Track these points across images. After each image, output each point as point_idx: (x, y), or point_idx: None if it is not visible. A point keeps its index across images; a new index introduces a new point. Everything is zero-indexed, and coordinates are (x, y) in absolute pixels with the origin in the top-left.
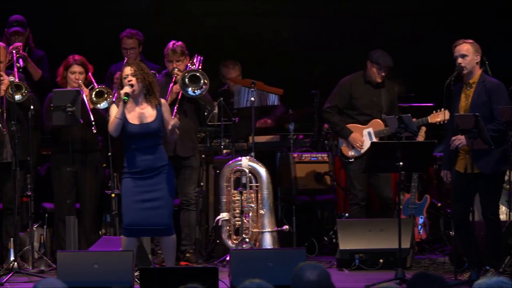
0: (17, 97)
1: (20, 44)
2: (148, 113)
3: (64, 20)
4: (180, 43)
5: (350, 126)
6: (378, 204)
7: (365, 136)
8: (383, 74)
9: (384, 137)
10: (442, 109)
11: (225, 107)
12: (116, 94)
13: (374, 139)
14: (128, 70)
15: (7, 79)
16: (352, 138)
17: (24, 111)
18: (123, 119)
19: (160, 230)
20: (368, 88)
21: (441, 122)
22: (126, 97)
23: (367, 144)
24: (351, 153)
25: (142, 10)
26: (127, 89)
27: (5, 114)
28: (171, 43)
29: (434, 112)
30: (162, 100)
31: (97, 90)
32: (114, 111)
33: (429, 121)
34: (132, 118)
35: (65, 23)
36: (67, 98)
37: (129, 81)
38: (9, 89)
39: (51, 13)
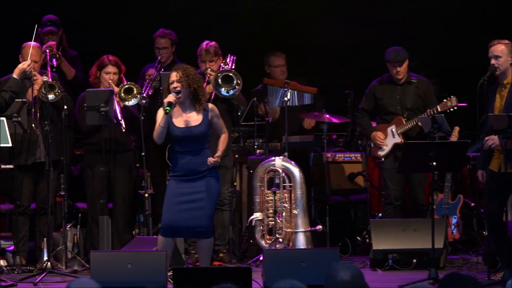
0: (50, 96)
1: (54, 42)
2: (193, 117)
3: (97, 20)
4: (213, 43)
5: (376, 126)
6: (410, 205)
7: (388, 134)
8: (398, 69)
9: (410, 133)
10: (452, 97)
11: (258, 106)
12: (146, 90)
13: (397, 137)
14: (174, 76)
15: (40, 79)
16: (372, 136)
17: (57, 110)
18: (167, 127)
19: (198, 232)
20: (392, 87)
21: (451, 110)
22: (168, 108)
23: (389, 142)
24: (379, 152)
25: (175, 10)
26: (170, 97)
27: (38, 114)
28: (205, 43)
29: (443, 100)
30: (210, 105)
31: (126, 87)
32: (160, 116)
33: (439, 109)
34: (178, 122)
35: (98, 23)
36: (101, 98)
37: (174, 87)
38: (42, 89)
39: (84, 14)
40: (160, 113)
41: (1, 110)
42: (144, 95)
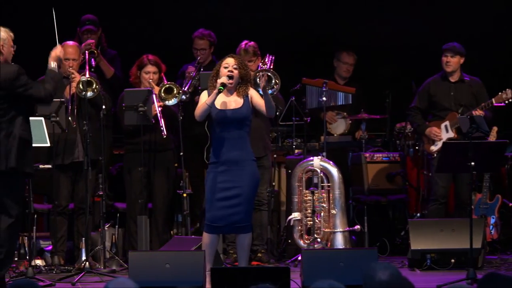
0: (88, 94)
1: (93, 41)
2: (236, 100)
3: (136, 20)
4: (252, 43)
5: (430, 122)
6: (454, 203)
7: (442, 130)
8: (449, 59)
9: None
10: (507, 89)
11: (296, 106)
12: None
13: (451, 131)
14: (231, 61)
15: (78, 76)
16: (428, 131)
17: (95, 110)
18: (212, 106)
19: (238, 227)
20: (446, 84)
21: (508, 101)
22: (221, 87)
23: (443, 137)
24: (432, 148)
25: (212, 10)
26: (224, 79)
27: (76, 111)
28: (244, 43)
29: (499, 93)
30: (251, 90)
31: (167, 86)
32: (204, 97)
33: (494, 102)
34: (221, 104)
35: (137, 23)
36: (139, 97)
37: (230, 71)
38: (80, 85)
39: (123, 14)
40: (205, 94)
41: (47, 102)
42: (185, 89)
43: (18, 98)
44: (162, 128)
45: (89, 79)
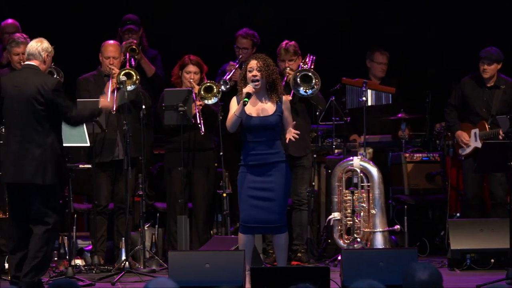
0: (129, 87)
1: (134, 40)
2: (267, 107)
3: (177, 20)
4: (293, 42)
5: (462, 124)
6: (491, 204)
7: (471, 136)
8: (486, 67)
9: (489, 139)
10: None
11: (336, 106)
12: (228, 75)
13: (478, 141)
14: (254, 63)
15: (117, 71)
16: (457, 134)
17: (136, 109)
18: (242, 117)
19: (272, 227)
20: (480, 87)
21: None
22: (246, 99)
23: (472, 144)
24: (460, 151)
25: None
26: (249, 88)
27: (115, 105)
28: (284, 42)
29: None
30: (284, 97)
31: (207, 85)
32: (234, 105)
33: None
34: (252, 111)
35: (178, 23)
36: (179, 97)
37: (254, 75)
38: (120, 76)
39: (163, 13)
40: (234, 101)
41: (73, 124)
42: (226, 79)
43: (54, 110)
44: (200, 126)
45: (128, 70)
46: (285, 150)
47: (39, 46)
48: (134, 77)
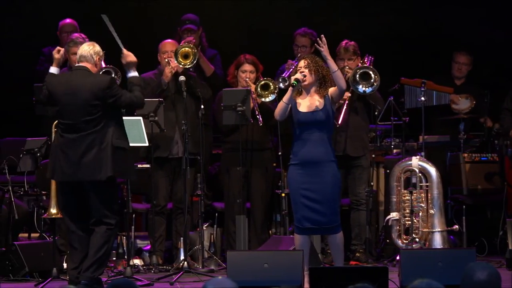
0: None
1: (192, 38)
2: (317, 103)
3: (237, 20)
4: (352, 42)
5: None
6: None
7: None
8: None
9: None
10: None
11: (395, 106)
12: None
13: None
14: (302, 63)
15: (176, 64)
16: (511, 134)
17: (194, 100)
18: (290, 104)
19: (325, 228)
20: None
21: None
22: (295, 82)
23: None
24: None
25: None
26: (298, 75)
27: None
28: (344, 42)
29: None
30: (330, 89)
31: (263, 83)
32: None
33: None
34: (302, 106)
35: (238, 23)
36: (237, 97)
37: (301, 72)
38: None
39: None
40: (287, 94)
41: (139, 107)
42: (285, 76)
43: (110, 107)
44: (258, 117)
45: (185, 52)
46: (343, 150)
47: (91, 49)
48: (191, 57)
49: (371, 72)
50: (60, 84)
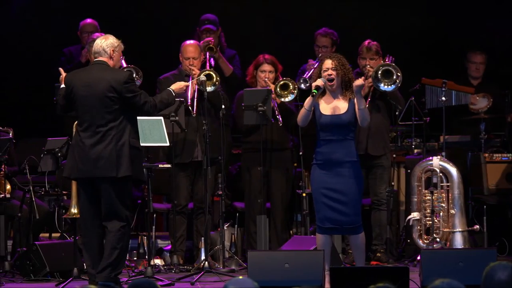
0: (209, 88)
1: (211, 39)
2: (341, 105)
3: (256, 20)
4: (375, 42)
5: None
6: None
7: None
8: None
9: None
10: None
11: (416, 106)
12: (307, 73)
13: None
14: (329, 63)
15: (197, 72)
16: None
17: (215, 109)
18: (311, 110)
19: (347, 228)
20: None
21: None
22: (315, 91)
23: None
24: None
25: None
26: (319, 81)
27: (195, 109)
28: (367, 41)
29: None
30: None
31: (282, 83)
32: (307, 102)
33: None
34: (325, 109)
35: (257, 24)
36: (258, 97)
37: (329, 74)
38: (201, 76)
39: (245, 13)
40: (309, 98)
41: (148, 114)
42: (306, 77)
43: (127, 104)
44: (278, 117)
45: (208, 71)
46: (364, 149)
47: (103, 42)
48: (214, 78)
49: (393, 70)
50: (77, 78)
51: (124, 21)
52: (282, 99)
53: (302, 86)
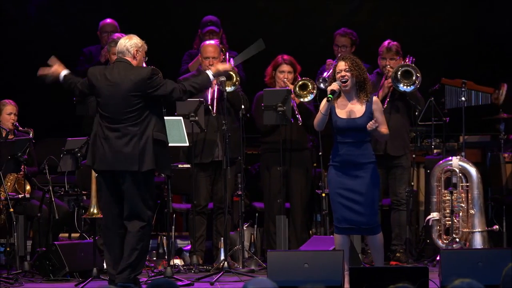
0: (228, 88)
1: (217, 40)
2: (356, 108)
3: (263, 22)
4: (395, 42)
5: None
6: None
7: None
8: None
9: None
10: None
11: (435, 106)
12: (327, 73)
13: None
14: (342, 64)
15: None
16: None
17: (234, 109)
18: (328, 115)
19: (364, 229)
20: None
21: None
22: (330, 95)
23: None
24: None
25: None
26: (334, 85)
27: (215, 109)
28: (387, 41)
29: None
30: (374, 98)
31: (301, 83)
32: (323, 103)
33: None
34: (341, 112)
35: (265, 25)
36: (278, 97)
37: (342, 76)
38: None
39: (247, 15)
40: (324, 101)
41: (178, 99)
42: (325, 76)
43: (151, 99)
44: (298, 116)
45: (230, 72)
46: (384, 150)
47: (127, 42)
48: (234, 78)
49: (412, 71)
50: (102, 76)
51: (142, 21)
52: (301, 99)
53: (322, 85)
